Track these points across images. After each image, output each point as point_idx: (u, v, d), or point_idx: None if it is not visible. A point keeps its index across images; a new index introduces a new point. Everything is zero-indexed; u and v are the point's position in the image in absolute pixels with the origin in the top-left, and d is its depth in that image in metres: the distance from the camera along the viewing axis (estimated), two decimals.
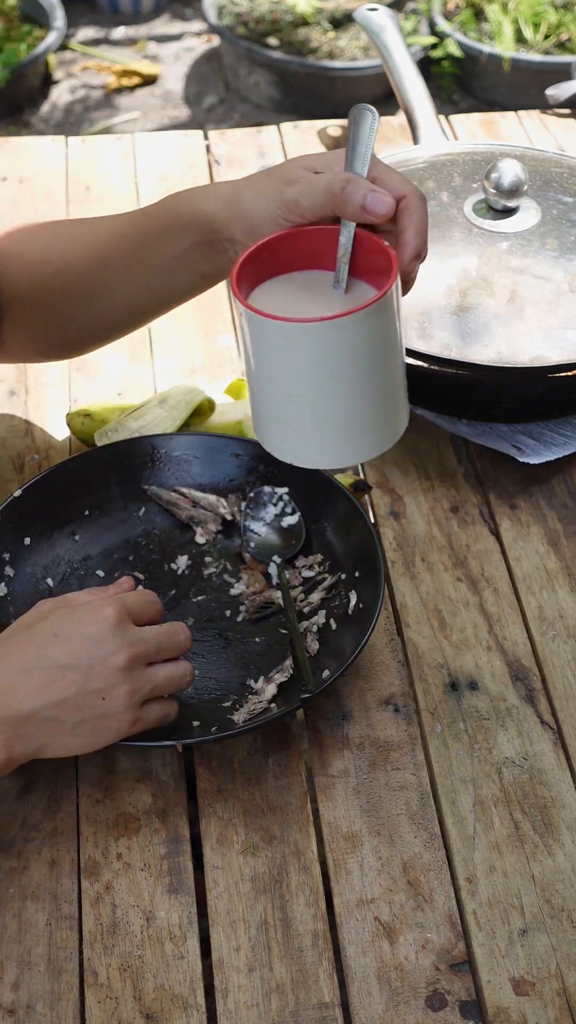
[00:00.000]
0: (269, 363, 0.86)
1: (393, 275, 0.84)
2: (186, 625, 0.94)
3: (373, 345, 0.85)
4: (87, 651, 0.87)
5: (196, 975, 0.86)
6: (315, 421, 0.88)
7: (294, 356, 0.85)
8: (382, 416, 0.89)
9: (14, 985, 0.85)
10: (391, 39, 1.49)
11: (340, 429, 0.88)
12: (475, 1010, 0.85)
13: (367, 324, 0.83)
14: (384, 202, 0.85)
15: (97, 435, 1.16)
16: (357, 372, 0.85)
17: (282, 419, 0.89)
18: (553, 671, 1.04)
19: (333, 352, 0.84)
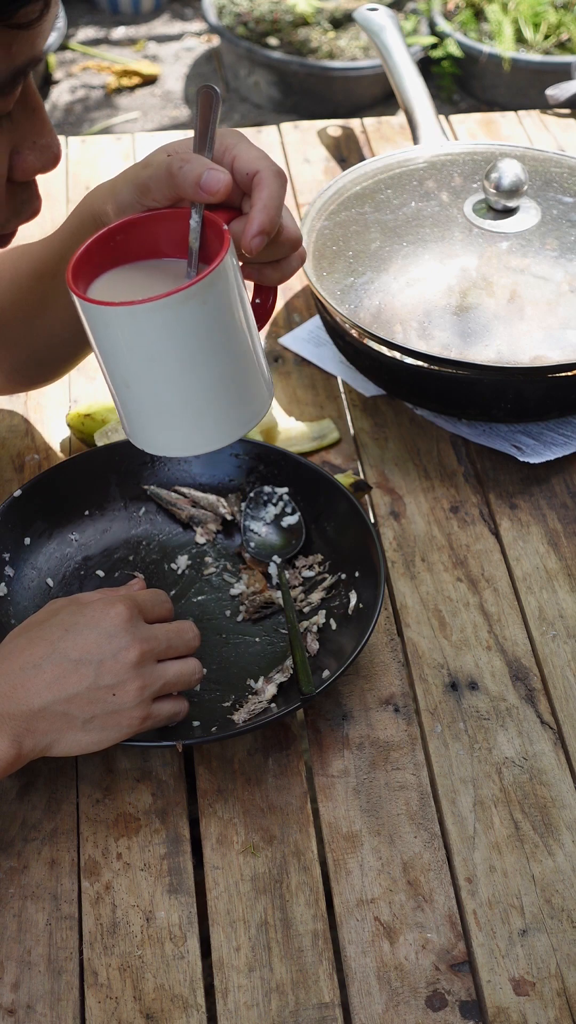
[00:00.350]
0: (100, 350, 0.84)
1: (220, 257, 0.80)
2: (194, 624, 0.95)
3: (200, 329, 0.81)
4: (98, 646, 0.87)
5: (196, 975, 0.86)
6: (155, 409, 0.85)
7: (117, 342, 0.82)
8: (225, 403, 0.86)
9: (14, 985, 0.85)
10: (391, 39, 1.49)
11: (183, 416, 0.85)
12: (475, 1010, 0.85)
13: (187, 308, 0.79)
14: (218, 179, 0.81)
15: (97, 435, 1.16)
16: (188, 357, 0.82)
17: (126, 407, 0.86)
18: (553, 671, 1.04)
19: (154, 337, 0.81)
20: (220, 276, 0.81)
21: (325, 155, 1.57)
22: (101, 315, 0.82)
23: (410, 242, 1.25)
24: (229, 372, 0.85)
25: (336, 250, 1.25)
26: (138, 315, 0.80)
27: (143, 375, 0.83)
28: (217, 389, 0.85)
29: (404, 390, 1.21)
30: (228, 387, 0.85)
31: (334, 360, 1.29)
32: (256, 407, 0.87)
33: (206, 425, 0.86)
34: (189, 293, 0.79)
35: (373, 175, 1.34)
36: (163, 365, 0.83)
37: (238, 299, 0.84)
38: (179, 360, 0.82)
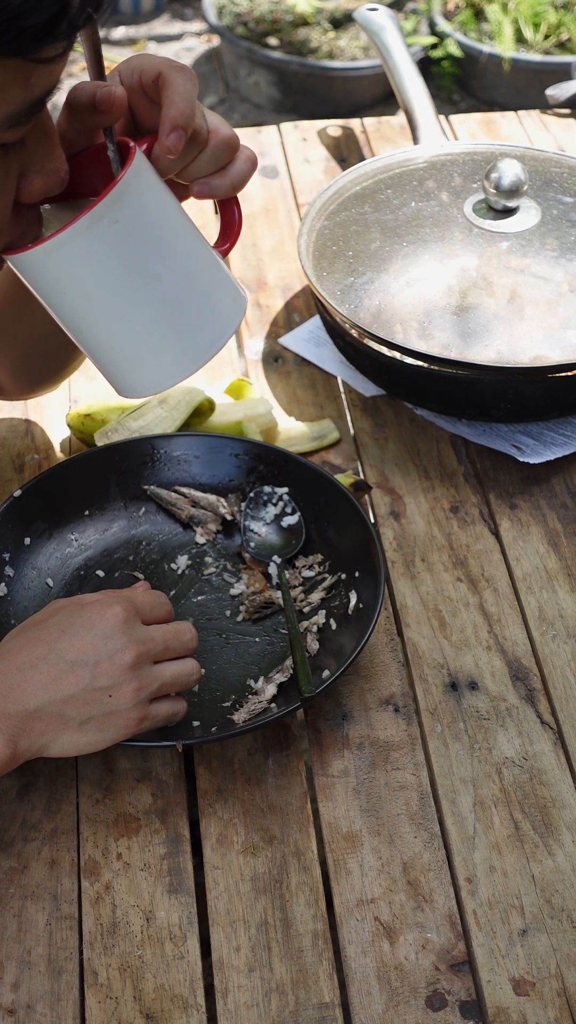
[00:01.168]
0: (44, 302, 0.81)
1: (123, 171, 0.77)
2: (192, 625, 0.94)
3: (122, 250, 0.78)
4: (94, 647, 0.87)
5: (196, 975, 0.86)
6: (116, 348, 0.82)
7: (48, 287, 0.79)
8: (188, 321, 0.82)
9: (14, 985, 0.85)
10: (391, 39, 1.49)
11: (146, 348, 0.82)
12: (475, 1010, 0.85)
13: (99, 230, 0.76)
14: (110, 93, 0.79)
15: (97, 435, 1.16)
16: (122, 282, 0.79)
17: (92, 356, 0.84)
18: (553, 671, 1.04)
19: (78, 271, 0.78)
20: (127, 190, 0.77)
21: (325, 155, 1.57)
22: (23, 263, 0.79)
23: (410, 242, 1.25)
24: (176, 288, 0.81)
25: (336, 250, 1.25)
26: (52, 252, 0.77)
27: (88, 315, 0.80)
28: (169, 309, 0.81)
29: (404, 390, 1.21)
30: (181, 304, 0.81)
31: (334, 360, 1.29)
32: (223, 322, 0.83)
33: (172, 351, 0.83)
34: (94, 214, 0.76)
35: (373, 175, 1.33)
36: (101, 298, 0.79)
37: (162, 211, 0.80)
38: (114, 288, 0.79)
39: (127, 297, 0.80)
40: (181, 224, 0.82)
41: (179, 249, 0.81)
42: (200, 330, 0.83)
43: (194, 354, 0.84)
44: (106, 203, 0.77)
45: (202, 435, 1.13)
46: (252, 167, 0.86)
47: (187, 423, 1.17)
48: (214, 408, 1.18)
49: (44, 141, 0.78)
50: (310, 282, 1.21)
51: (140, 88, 0.83)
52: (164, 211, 0.80)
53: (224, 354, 1.31)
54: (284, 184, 1.52)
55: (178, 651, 0.92)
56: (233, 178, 0.85)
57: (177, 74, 0.81)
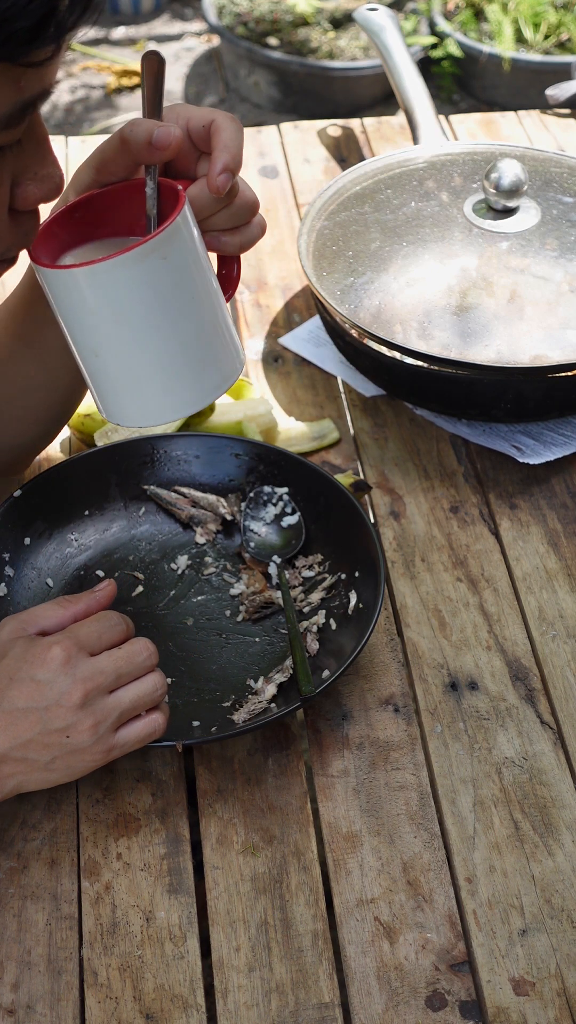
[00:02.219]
0: (64, 318, 0.84)
1: (177, 210, 0.80)
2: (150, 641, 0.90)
3: (162, 286, 0.81)
4: (40, 694, 0.85)
5: (196, 975, 0.86)
6: (125, 376, 0.85)
7: (81, 306, 0.82)
8: (196, 365, 0.85)
9: (14, 985, 0.85)
10: (391, 39, 1.49)
11: (154, 381, 0.85)
12: (475, 1010, 0.85)
13: (148, 263, 0.79)
14: (167, 132, 0.82)
15: (97, 435, 1.16)
16: (153, 316, 0.82)
17: (96, 379, 0.86)
18: (553, 671, 1.04)
19: (117, 297, 0.81)
20: (178, 230, 0.80)
21: (325, 155, 1.57)
22: (62, 280, 0.81)
23: (410, 242, 1.25)
24: (196, 332, 0.84)
25: (336, 250, 1.25)
26: (99, 274, 0.80)
27: (110, 340, 0.83)
28: (185, 350, 0.84)
29: (404, 390, 1.21)
30: (196, 348, 0.84)
31: (334, 360, 1.29)
32: (226, 371, 0.86)
33: (177, 389, 0.85)
34: (148, 247, 0.79)
35: (373, 175, 1.33)
36: (129, 326, 0.82)
37: (199, 257, 0.83)
38: (144, 319, 0.82)
39: (155, 330, 0.83)
40: (210, 271, 0.85)
41: (207, 293, 0.85)
42: (209, 373, 0.86)
43: (199, 395, 0.86)
44: (160, 239, 0.80)
45: (202, 435, 1.13)
46: (261, 233, 0.90)
47: (187, 423, 1.17)
48: (214, 408, 1.18)
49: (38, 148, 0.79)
50: (310, 282, 1.21)
51: (186, 133, 0.86)
52: (200, 255, 0.84)
53: None
54: (284, 184, 1.52)
55: (134, 674, 0.88)
56: (243, 239, 0.89)
57: (231, 123, 0.85)
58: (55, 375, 1.02)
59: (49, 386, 1.03)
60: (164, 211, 0.84)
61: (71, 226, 0.87)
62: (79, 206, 0.87)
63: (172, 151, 0.83)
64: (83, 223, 0.87)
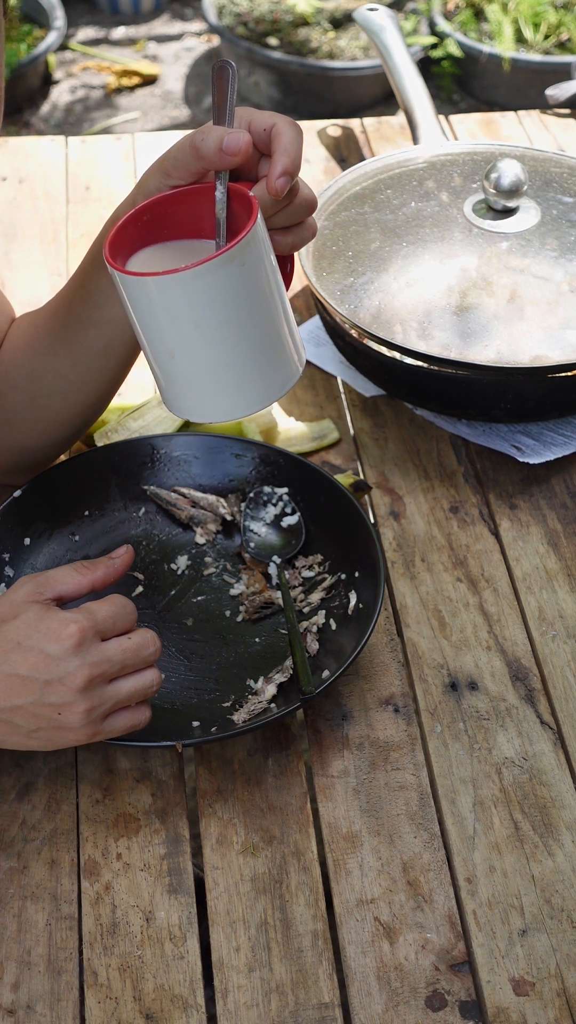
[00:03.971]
0: (142, 322, 0.86)
1: (251, 222, 0.83)
2: (157, 635, 0.90)
3: (241, 291, 0.84)
4: (46, 666, 0.85)
5: (196, 975, 0.86)
6: (200, 376, 0.87)
7: (161, 312, 0.84)
8: (266, 364, 0.88)
9: (14, 985, 0.85)
10: (391, 39, 1.49)
11: (227, 381, 0.87)
12: (475, 1010, 0.85)
13: (228, 270, 0.82)
14: (238, 139, 0.85)
15: (97, 435, 1.16)
16: (232, 320, 0.84)
17: (170, 379, 0.88)
18: (553, 671, 1.04)
19: (199, 303, 0.83)
20: (255, 237, 0.83)
21: (325, 155, 1.57)
22: (144, 287, 0.83)
23: (410, 242, 1.25)
24: (267, 333, 0.87)
25: (336, 250, 1.25)
26: (183, 282, 0.82)
27: (189, 343, 0.85)
28: (258, 350, 0.87)
29: (404, 390, 1.21)
30: (268, 348, 0.87)
31: (334, 360, 1.29)
32: (292, 368, 0.89)
33: (249, 387, 0.88)
34: (230, 255, 0.82)
35: (373, 175, 1.34)
36: (209, 330, 0.84)
37: (271, 260, 0.86)
38: (224, 324, 0.84)
39: (232, 332, 0.85)
40: (279, 272, 0.88)
41: (278, 294, 0.87)
42: (277, 371, 0.89)
43: (268, 392, 0.89)
44: (240, 247, 0.82)
45: (202, 435, 1.13)
46: (313, 234, 0.91)
47: (187, 423, 1.17)
48: None
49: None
50: (310, 282, 1.21)
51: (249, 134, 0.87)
52: (272, 260, 0.86)
53: None
54: None
55: (137, 667, 0.88)
56: (296, 238, 0.90)
57: (291, 127, 0.87)
58: (86, 377, 1.02)
59: (78, 388, 1.03)
60: (232, 215, 0.87)
61: (140, 228, 0.88)
62: (148, 209, 0.88)
63: (242, 157, 0.85)
64: (151, 225, 0.89)
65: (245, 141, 0.85)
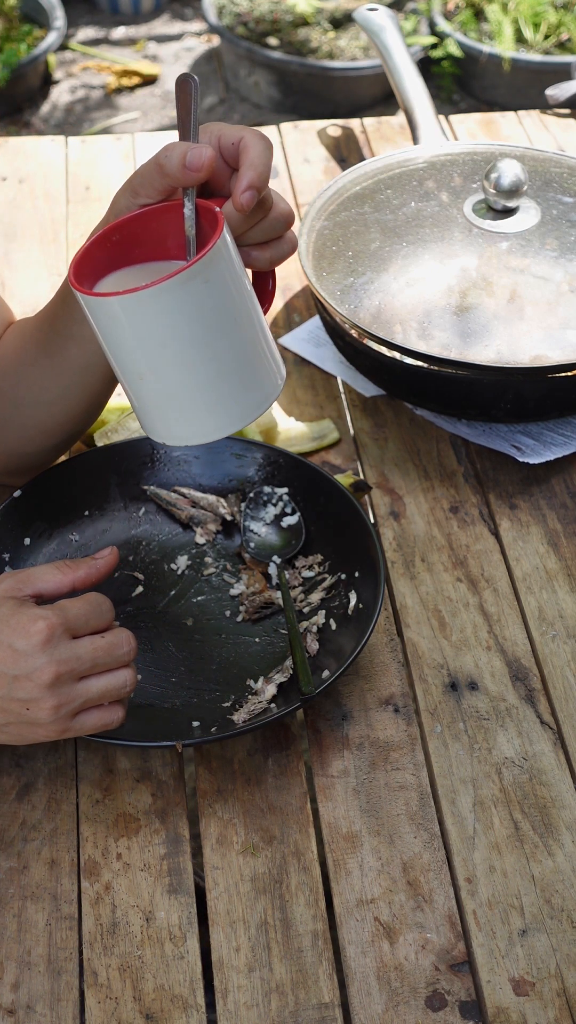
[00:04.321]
0: (109, 344, 0.85)
1: (214, 238, 0.82)
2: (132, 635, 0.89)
3: (206, 308, 0.82)
4: (14, 662, 0.84)
5: (196, 975, 0.86)
6: (171, 398, 0.86)
7: (127, 332, 0.83)
8: (239, 385, 0.86)
9: (14, 985, 0.85)
10: (391, 39, 1.49)
11: (199, 401, 0.86)
12: (475, 1010, 0.85)
13: (191, 287, 0.81)
14: (200, 154, 0.84)
15: (97, 435, 1.16)
16: (198, 339, 0.83)
17: (141, 401, 0.87)
18: (553, 671, 1.04)
19: (162, 322, 0.82)
20: (219, 253, 0.82)
21: (325, 155, 1.57)
22: (108, 307, 0.82)
23: (410, 242, 1.25)
24: (239, 352, 0.85)
25: (336, 250, 1.25)
26: (144, 300, 0.81)
27: (157, 364, 0.84)
28: (229, 369, 0.85)
29: (404, 390, 1.21)
30: (240, 367, 0.86)
31: (334, 360, 1.29)
32: (268, 388, 0.88)
33: (222, 408, 0.86)
34: (192, 272, 0.80)
35: (373, 175, 1.34)
36: (176, 350, 0.83)
37: (239, 277, 0.84)
38: (190, 342, 0.83)
39: (200, 352, 0.84)
40: (250, 288, 0.86)
41: (248, 312, 0.86)
42: (252, 390, 0.87)
43: (243, 413, 0.87)
44: (202, 264, 0.81)
45: None
46: (293, 249, 0.91)
47: None
48: None
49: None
50: (310, 282, 1.21)
51: (218, 151, 0.87)
52: (241, 276, 0.85)
53: None
54: (284, 184, 1.52)
55: (110, 665, 0.87)
56: (274, 254, 0.90)
57: (259, 140, 0.86)
58: (69, 391, 1.02)
59: (61, 400, 1.03)
60: (202, 232, 0.86)
61: (109, 249, 0.87)
62: (116, 229, 0.87)
63: (206, 172, 0.84)
64: (121, 245, 0.88)
65: (208, 156, 0.84)
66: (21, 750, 0.97)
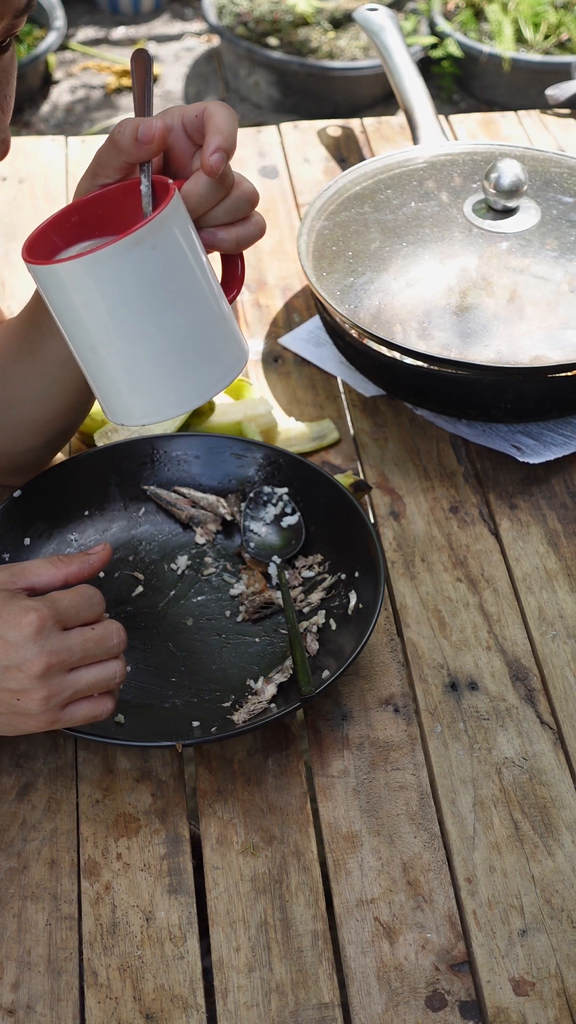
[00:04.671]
0: (59, 315, 0.84)
1: (165, 201, 0.81)
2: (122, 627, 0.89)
3: (155, 275, 0.81)
4: (4, 653, 0.85)
5: (196, 975, 0.86)
6: (125, 372, 0.84)
7: (75, 301, 0.82)
8: (195, 358, 0.85)
9: (14, 985, 0.85)
10: (391, 39, 1.49)
11: (155, 375, 0.85)
12: (475, 1010, 0.85)
13: (138, 252, 0.80)
14: (151, 125, 0.84)
15: (97, 435, 1.16)
16: (148, 307, 0.82)
17: (97, 378, 0.86)
18: (553, 671, 1.04)
19: (109, 289, 0.80)
20: (166, 220, 0.81)
21: (325, 155, 1.57)
22: (53, 276, 0.81)
23: (410, 242, 1.25)
24: (193, 324, 0.84)
25: (336, 250, 1.25)
26: (89, 266, 0.80)
27: (106, 335, 0.83)
28: (182, 343, 0.84)
29: (404, 390, 1.21)
30: (194, 341, 0.84)
31: (334, 360, 1.29)
32: (228, 363, 0.86)
33: (177, 384, 0.85)
34: (137, 236, 0.79)
35: (373, 175, 1.34)
36: (126, 320, 0.82)
37: (192, 248, 0.83)
38: (138, 312, 0.82)
39: (151, 321, 0.82)
40: (206, 264, 0.85)
41: (203, 285, 0.84)
42: (210, 366, 0.86)
43: (200, 388, 0.86)
44: (148, 229, 0.80)
45: (202, 435, 1.13)
46: (260, 232, 0.90)
47: (187, 423, 1.17)
48: (214, 408, 1.18)
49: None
50: (310, 282, 1.21)
51: (181, 127, 0.87)
52: (193, 247, 0.84)
53: None
54: (284, 184, 1.52)
55: (100, 657, 0.88)
56: (240, 234, 0.89)
57: (222, 108, 0.86)
58: (53, 387, 1.02)
59: (46, 397, 1.03)
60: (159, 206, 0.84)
61: (68, 230, 0.87)
62: (74, 210, 0.87)
63: (158, 143, 0.84)
64: (80, 226, 0.87)
65: (159, 127, 0.84)
66: (21, 750, 0.97)
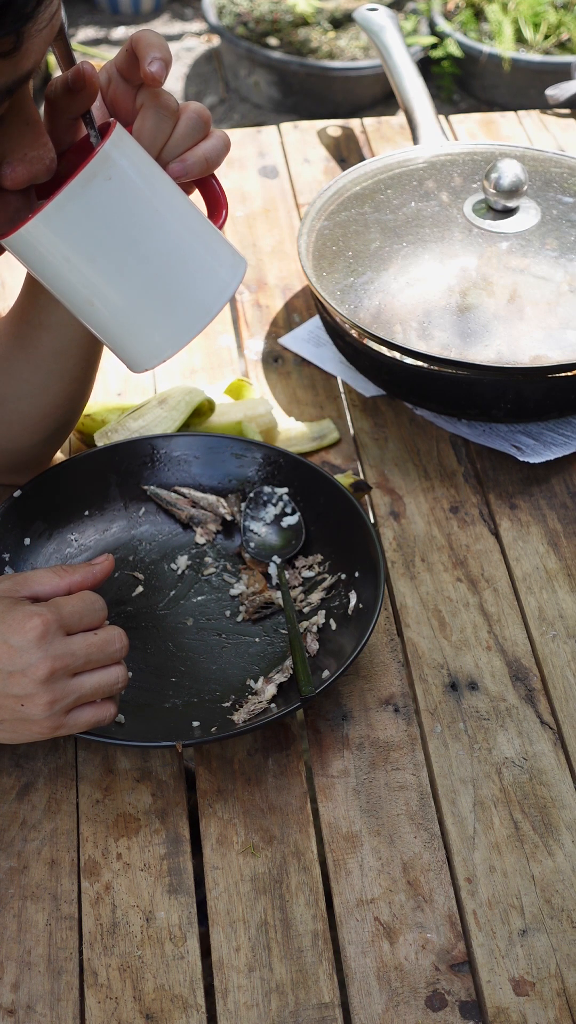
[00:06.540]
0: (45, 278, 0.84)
1: (108, 133, 0.81)
2: (124, 632, 0.89)
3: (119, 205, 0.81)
4: (8, 658, 0.85)
5: (196, 975, 0.86)
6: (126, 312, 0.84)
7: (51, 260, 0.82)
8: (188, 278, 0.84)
9: (14, 985, 0.85)
10: (391, 39, 1.49)
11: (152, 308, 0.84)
12: (475, 1010, 0.85)
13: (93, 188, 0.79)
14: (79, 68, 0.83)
15: (97, 435, 1.16)
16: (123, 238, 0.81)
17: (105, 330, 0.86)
18: (553, 671, 1.04)
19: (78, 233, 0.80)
20: (113, 149, 0.80)
21: (325, 155, 1.57)
22: (23, 240, 0.81)
23: (410, 242, 1.25)
24: (175, 244, 0.83)
25: (336, 250, 1.25)
26: (51, 216, 0.80)
27: (94, 282, 0.83)
28: (172, 264, 0.83)
29: (404, 390, 1.21)
30: (183, 259, 0.84)
31: (334, 360, 1.29)
32: (225, 274, 0.85)
33: (182, 305, 0.85)
34: (88, 171, 0.79)
35: (373, 175, 1.34)
36: (105, 259, 0.82)
37: (152, 171, 0.83)
38: (115, 247, 0.81)
39: (131, 252, 0.82)
40: (172, 185, 0.85)
41: (174, 205, 0.84)
42: (208, 281, 0.85)
43: (206, 304, 0.85)
44: (96, 161, 0.79)
45: (202, 435, 1.13)
46: (226, 144, 0.89)
47: (187, 423, 1.17)
48: (214, 408, 1.18)
49: (27, 129, 0.80)
50: (310, 282, 1.21)
51: (117, 74, 0.87)
52: (153, 170, 0.83)
53: (224, 354, 1.31)
54: (284, 184, 1.52)
55: (102, 662, 0.88)
56: (207, 152, 0.88)
57: (147, 31, 0.85)
58: (48, 380, 1.02)
59: (42, 391, 1.03)
60: None
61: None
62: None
63: (91, 84, 0.84)
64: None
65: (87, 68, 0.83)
66: (21, 750, 0.97)
